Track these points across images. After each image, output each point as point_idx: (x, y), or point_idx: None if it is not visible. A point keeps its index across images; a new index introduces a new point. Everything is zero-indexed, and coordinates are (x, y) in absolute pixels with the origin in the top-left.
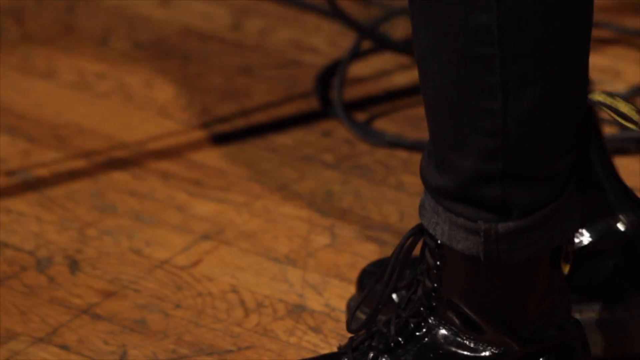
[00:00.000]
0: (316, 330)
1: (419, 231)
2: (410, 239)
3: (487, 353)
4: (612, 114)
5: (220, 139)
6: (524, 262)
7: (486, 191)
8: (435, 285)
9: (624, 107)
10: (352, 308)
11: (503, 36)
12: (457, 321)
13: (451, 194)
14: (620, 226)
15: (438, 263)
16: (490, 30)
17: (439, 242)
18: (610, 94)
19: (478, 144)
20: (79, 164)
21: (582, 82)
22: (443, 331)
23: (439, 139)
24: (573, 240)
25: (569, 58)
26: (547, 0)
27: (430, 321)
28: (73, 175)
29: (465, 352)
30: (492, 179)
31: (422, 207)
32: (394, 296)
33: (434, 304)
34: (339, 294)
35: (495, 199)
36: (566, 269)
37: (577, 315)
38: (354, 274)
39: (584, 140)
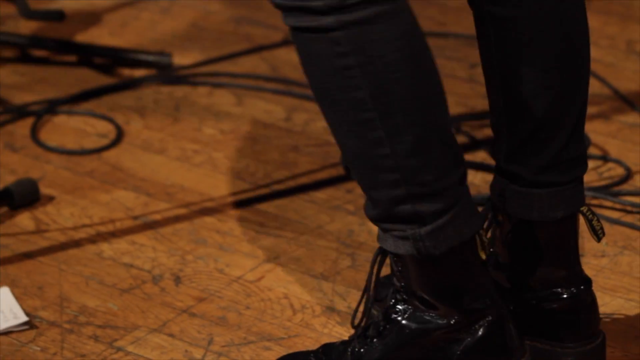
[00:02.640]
0: (342, 324)
1: (381, 250)
2: (379, 257)
3: (443, 322)
4: (587, 225)
5: (277, 195)
6: (449, 253)
7: (402, 210)
8: (402, 283)
9: (596, 224)
10: (354, 310)
11: (375, 103)
12: (419, 304)
13: (383, 218)
14: (571, 294)
15: (400, 268)
16: (365, 101)
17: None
18: (593, 212)
19: (385, 180)
20: (181, 211)
21: (444, 123)
22: (412, 312)
23: (362, 184)
24: (485, 233)
25: (429, 106)
26: (397, 74)
27: (402, 307)
28: (177, 219)
29: (428, 325)
30: (403, 201)
31: (378, 234)
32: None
33: (404, 296)
34: (358, 300)
35: (410, 213)
36: (483, 256)
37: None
38: None
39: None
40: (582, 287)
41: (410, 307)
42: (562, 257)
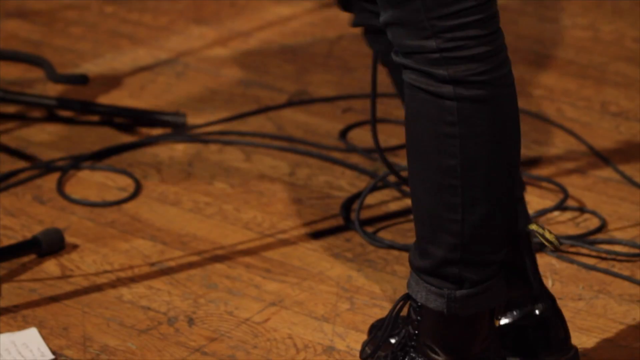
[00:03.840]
0: None
1: (406, 297)
2: (401, 302)
3: None
4: (541, 239)
5: (281, 243)
6: (472, 316)
7: (449, 270)
8: (416, 331)
9: (549, 235)
10: (363, 346)
11: (463, 173)
12: (429, 353)
13: (427, 271)
14: (537, 311)
15: (419, 318)
16: (455, 169)
17: (419, 303)
18: (541, 226)
19: (446, 241)
20: (194, 258)
21: (512, 201)
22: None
23: (421, 236)
24: (502, 305)
25: (504, 188)
26: (490, 153)
27: (411, 354)
28: (191, 265)
29: None
30: (453, 263)
31: (409, 282)
32: (392, 340)
33: (414, 343)
34: (356, 340)
35: (455, 275)
36: (497, 323)
37: None
38: (365, 327)
39: (513, 240)
40: (546, 304)
41: (419, 354)
42: (520, 275)
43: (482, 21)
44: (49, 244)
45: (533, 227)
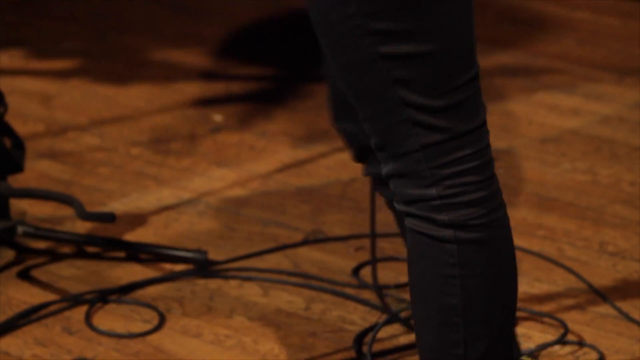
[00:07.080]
0: None
1: None
2: None
3: None
4: None
5: None
6: None
7: None
8: None
9: None
10: None
11: (464, 311)
12: None
13: None
14: None
15: None
16: (457, 308)
17: None
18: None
19: None
20: None
21: (511, 338)
22: None
23: None
24: None
25: (504, 322)
26: (490, 291)
27: None
28: None
29: None
30: None
31: None
32: None
33: None
34: None
35: None
36: None
37: None
38: None
39: None
40: None
41: None
42: None
43: (479, 167)
44: None
45: (525, 358)
